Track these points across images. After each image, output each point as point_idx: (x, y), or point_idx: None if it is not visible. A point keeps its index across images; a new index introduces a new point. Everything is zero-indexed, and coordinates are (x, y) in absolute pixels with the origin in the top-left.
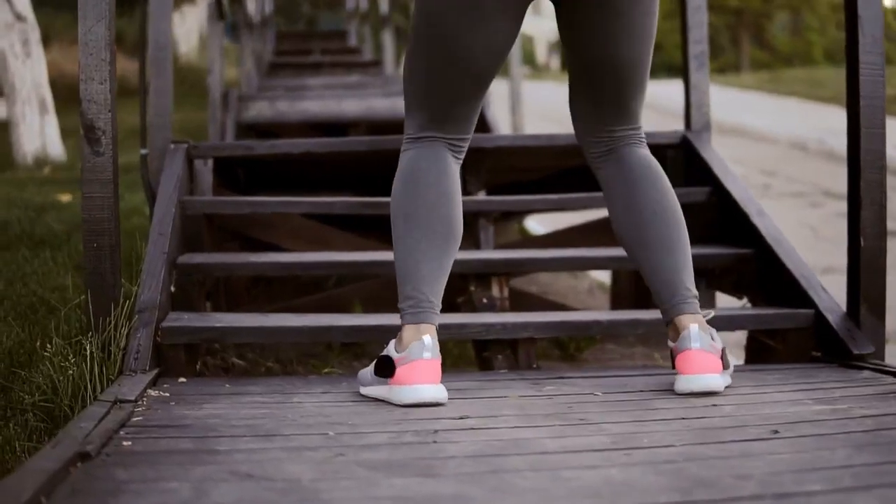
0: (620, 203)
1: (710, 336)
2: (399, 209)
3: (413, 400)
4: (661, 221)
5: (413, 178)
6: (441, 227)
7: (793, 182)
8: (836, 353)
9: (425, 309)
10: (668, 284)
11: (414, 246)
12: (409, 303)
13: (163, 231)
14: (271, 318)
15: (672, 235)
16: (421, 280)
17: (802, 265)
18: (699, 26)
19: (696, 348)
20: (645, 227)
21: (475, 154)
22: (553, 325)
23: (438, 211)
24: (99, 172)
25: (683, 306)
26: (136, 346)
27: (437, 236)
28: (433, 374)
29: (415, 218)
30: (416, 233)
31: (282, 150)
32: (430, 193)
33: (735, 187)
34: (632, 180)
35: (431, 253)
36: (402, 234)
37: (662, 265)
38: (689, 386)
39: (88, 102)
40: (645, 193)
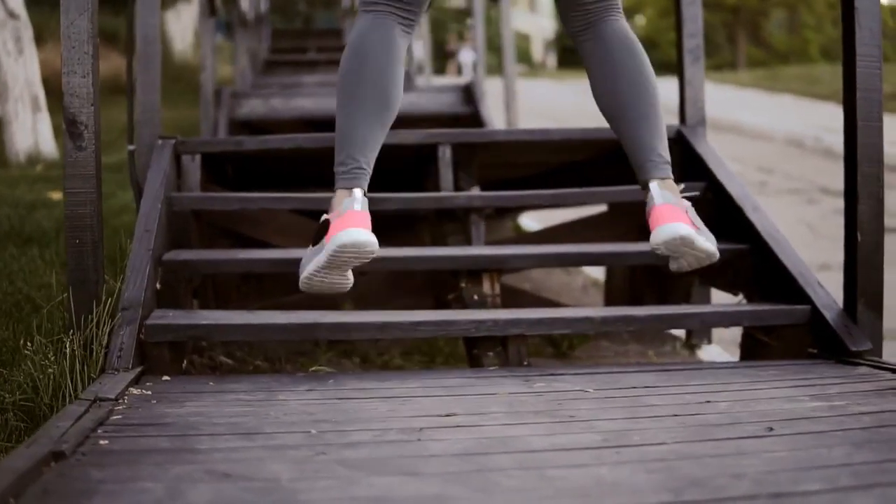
0: (599, 74)
1: (677, 197)
2: (343, 79)
3: (345, 240)
4: (636, 91)
5: (361, 52)
6: (379, 100)
7: (790, 179)
8: (833, 350)
9: (357, 175)
10: (641, 149)
11: (352, 115)
12: (342, 168)
13: (148, 227)
14: (258, 315)
15: (646, 104)
16: (354, 147)
17: (798, 261)
18: (693, 20)
19: (660, 203)
20: (621, 96)
21: (468, 149)
22: (545, 321)
23: (378, 85)
24: (81, 167)
25: (655, 171)
26: (119, 344)
27: (374, 108)
28: (363, 222)
29: (356, 90)
30: (356, 103)
31: (272, 145)
32: (374, 68)
33: (730, 182)
34: (609, 52)
35: (367, 122)
36: (342, 103)
37: (637, 132)
38: (660, 236)
39: (71, 96)
40: (623, 62)
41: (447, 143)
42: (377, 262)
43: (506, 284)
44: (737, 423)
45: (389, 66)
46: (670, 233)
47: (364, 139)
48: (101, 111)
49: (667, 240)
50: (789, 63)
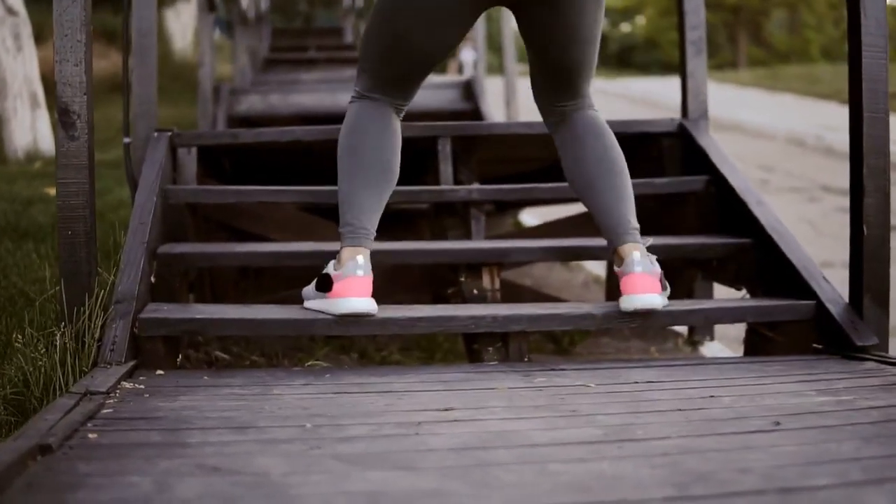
0: (570, 156)
1: (650, 261)
2: (344, 150)
3: (346, 310)
4: (605, 167)
5: (359, 126)
6: (380, 167)
7: (791, 177)
8: (839, 345)
9: (360, 235)
10: (612, 219)
11: (355, 181)
12: (348, 228)
13: (143, 220)
14: (254, 309)
15: (615, 178)
16: (359, 210)
17: (803, 255)
18: (695, 12)
19: (639, 272)
20: (591, 173)
21: (467, 142)
22: (545, 317)
23: (379, 154)
24: (73, 157)
25: (626, 237)
26: (112, 338)
27: (376, 175)
28: (365, 290)
29: (358, 158)
30: (359, 172)
31: (269, 138)
32: (373, 139)
33: (733, 176)
34: (579, 136)
35: (370, 188)
36: (346, 170)
37: (608, 203)
38: (633, 304)
39: (63, 85)
40: (591, 145)
41: (447, 137)
42: (374, 256)
43: (506, 280)
44: (742, 417)
45: (389, 139)
46: (644, 303)
47: (369, 207)
48: (101, 108)
49: (639, 308)
50: (790, 63)
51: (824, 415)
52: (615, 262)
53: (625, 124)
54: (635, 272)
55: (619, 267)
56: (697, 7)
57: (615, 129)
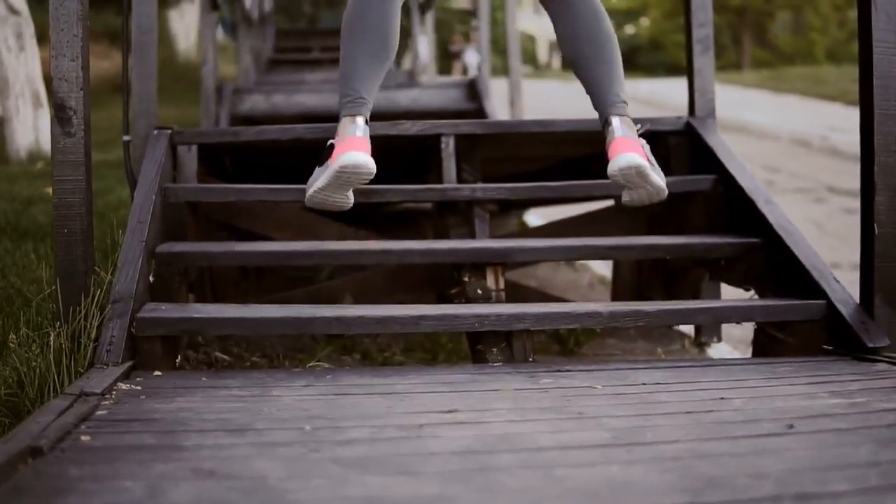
0: (565, 28)
1: (634, 132)
2: (347, 26)
3: (346, 161)
4: (596, 41)
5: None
6: (379, 40)
7: (796, 178)
8: (849, 346)
9: (359, 104)
10: (601, 91)
11: (355, 55)
12: (346, 99)
13: (142, 218)
14: (254, 308)
15: (604, 51)
16: (357, 80)
17: (813, 255)
18: (703, 9)
19: (620, 136)
20: (582, 45)
21: (471, 140)
22: (551, 315)
23: (378, 30)
24: (70, 154)
25: (612, 108)
26: (109, 338)
27: (374, 47)
28: (363, 146)
29: (359, 34)
30: (360, 41)
31: (270, 136)
32: (375, 16)
33: (741, 175)
34: (574, 9)
35: (370, 59)
36: (346, 46)
37: (597, 76)
38: (616, 164)
39: (60, 80)
40: (584, 19)
41: (450, 134)
42: (377, 255)
43: (510, 281)
44: (754, 420)
45: (388, 14)
46: (627, 161)
47: (365, 75)
48: (103, 108)
49: (623, 167)
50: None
51: (838, 417)
52: (605, 133)
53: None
54: (616, 137)
55: (607, 136)
56: (705, 4)
57: None
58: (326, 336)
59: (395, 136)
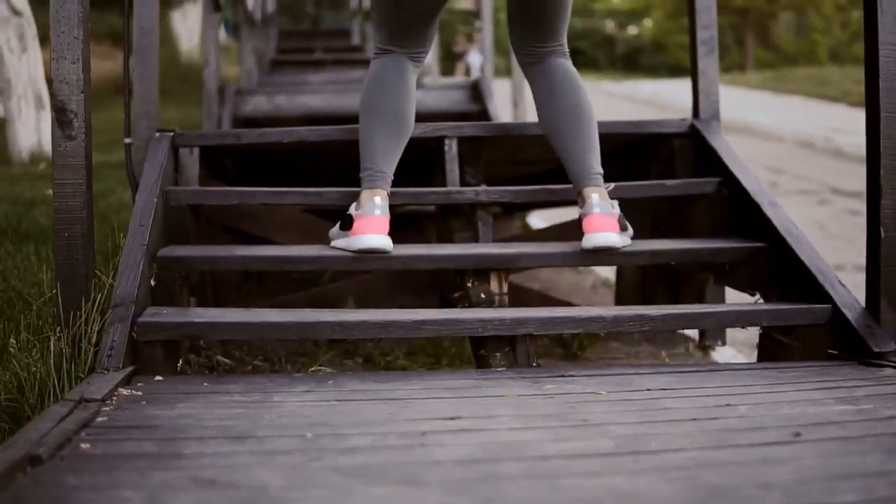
0: (544, 102)
1: (609, 204)
2: (366, 103)
3: (363, 245)
4: (573, 115)
5: (379, 80)
6: (396, 117)
7: (800, 179)
8: (855, 351)
9: (378, 177)
10: (578, 165)
11: (374, 130)
12: (367, 173)
13: (143, 222)
14: (255, 313)
15: (581, 125)
16: (377, 156)
17: (818, 258)
18: (707, 10)
19: (597, 212)
20: (560, 119)
21: (475, 142)
22: (554, 320)
23: (395, 106)
24: (70, 157)
25: (588, 181)
26: (110, 342)
27: (391, 124)
28: (381, 228)
29: (377, 110)
30: (377, 120)
31: (272, 139)
32: (391, 93)
33: (746, 177)
34: (552, 83)
35: (387, 136)
36: (366, 121)
37: (574, 148)
38: (592, 242)
39: (60, 83)
40: (562, 92)
41: (453, 137)
42: (380, 260)
43: (513, 283)
44: (760, 427)
45: (404, 90)
46: (602, 241)
47: (385, 150)
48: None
49: (597, 246)
50: (797, 65)
51: (845, 425)
52: (579, 204)
53: (635, 125)
54: (594, 213)
55: (581, 209)
56: (709, 6)
57: (625, 129)
58: (329, 340)
59: None
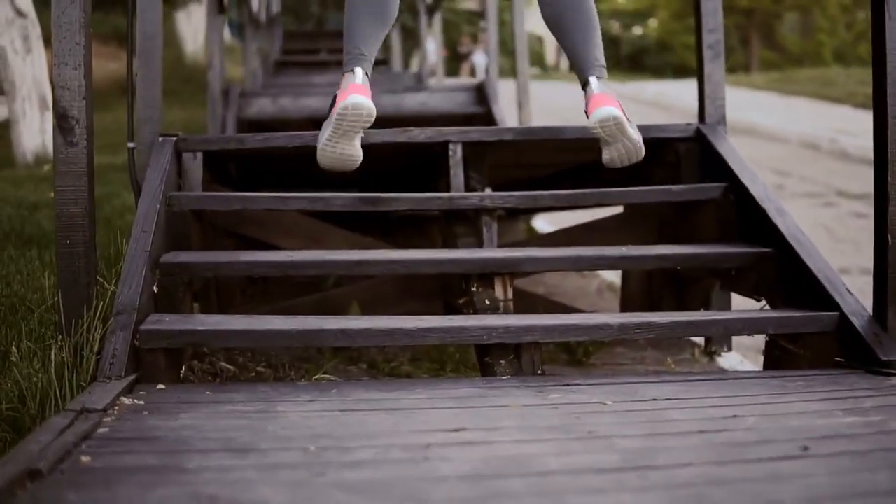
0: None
1: (611, 90)
2: None
3: (346, 103)
4: (573, 9)
5: None
6: (379, 7)
7: (806, 182)
8: (862, 359)
9: (359, 59)
10: (581, 56)
11: (357, 18)
12: (348, 56)
13: (146, 228)
14: (259, 320)
15: (584, 20)
16: (358, 39)
17: (825, 265)
18: (713, 14)
19: (598, 92)
20: (563, 11)
21: (479, 147)
22: (559, 328)
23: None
24: (72, 164)
25: (591, 71)
26: (112, 350)
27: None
28: (363, 91)
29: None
30: (361, 12)
31: (276, 143)
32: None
33: (753, 183)
34: None
35: (369, 23)
36: (349, 12)
37: (576, 40)
38: (596, 116)
39: (62, 89)
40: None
41: (458, 142)
42: (384, 266)
43: (518, 288)
44: (768, 441)
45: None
46: (606, 113)
47: (366, 34)
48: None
49: (602, 118)
50: (802, 66)
51: (854, 438)
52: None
53: (640, 129)
54: (595, 93)
55: (585, 95)
56: (715, 10)
57: None
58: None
59: (404, 143)
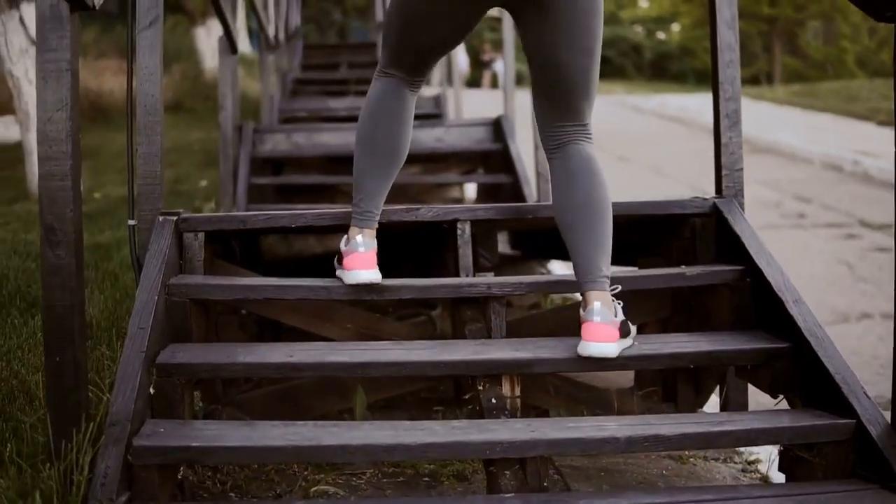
0: (559, 190)
1: (612, 311)
2: (361, 134)
3: (352, 280)
4: (588, 209)
5: (376, 113)
6: (389, 156)
7: (828, 210)
8: (880, 473)
9: (365, 217)
10: (585, 263)
11: (366, 166)
12: (357, 209)
13: (143, 324)
14: (257, 431)
15: (595, 223)
16: (366, 194)
17: (842, 365)
18: (731, 82)
19: (597, 321)
20: (574, 212)
21: (487, 224)
22: (565, 442)
23: (389, 144)
24: (61, 277)
25: (594, 284)
26: (104, 469)
27: (385, 165)
28: (368, 263)
29: (372, 145)
30: (370, 158)
31: (278, 223)
32: (386, 128)
33: (769, 269)
34: (571, 171)
35: (378, 176)
36: (360, 154)
37: (583, 246)
38: (587, 350)
39: (49, 200)
40: (580, 184)
41: (466, 220)
42: (391, 367)
43: None
44: None
45: (400, 125)
46: (597, 352)
47: (375, 189)
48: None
49: (593, 355)
50: (826, 73)
51: None
52: (582, 305)
53: (656, 205)
54: (593, 321)
55: (583, 311)
56: (734, 78)
57: (646, 210)
58: None
59: (412, 222)
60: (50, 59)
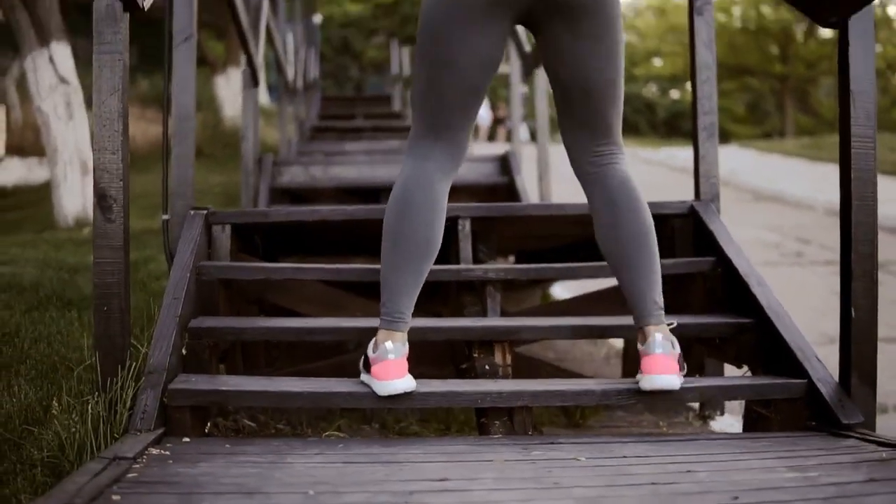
0: (603, 223)
1: (671, 343)
2: (390, 226)
3: (384, 392)
4: (636, 244)
5: (403, 204)
6: (418, 249)
7: (826, 250)
8: (828, 423)
9: (395, 319)
10: (639, 297)
11: (396, 263)
12: (385, 310)
13: (177, 295)
14: (275, 381)
15: (644, 257)
16: (396, 294)
17: (798, 335)
18: (708, 98)
19: (660, 353)
20: (622, 246)
21: (486, 222)
22: (546, 393)
23: (418, 236)
24: (110, 239)
25: (650, 318)
26: (143, 406)
27: (415, 259)
28: (398, 371)
29: (401, 239)
30: (400, 253)
31: (297, 217)
32: (414, 221)
33: (738, 258)
34: (612, 202)
35: (409, 271)
36: (388, 248)
37: (635, 281)
38: (652, 384)
39: (101, 171)
40: (623, 217)
41: (466, 217)
42: None
43: (526, 353)
44: (707, 492)
45: (431, 220)
46: (663, 384)
47: (406, 288)
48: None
49: (658, 388)
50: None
51: (785, 490)
52: (639, 339)
53: None
54: (656, 353)
55: (642, 346)
56: (710, 94)
57: None
58: None
59: None
60: (105, 51)
